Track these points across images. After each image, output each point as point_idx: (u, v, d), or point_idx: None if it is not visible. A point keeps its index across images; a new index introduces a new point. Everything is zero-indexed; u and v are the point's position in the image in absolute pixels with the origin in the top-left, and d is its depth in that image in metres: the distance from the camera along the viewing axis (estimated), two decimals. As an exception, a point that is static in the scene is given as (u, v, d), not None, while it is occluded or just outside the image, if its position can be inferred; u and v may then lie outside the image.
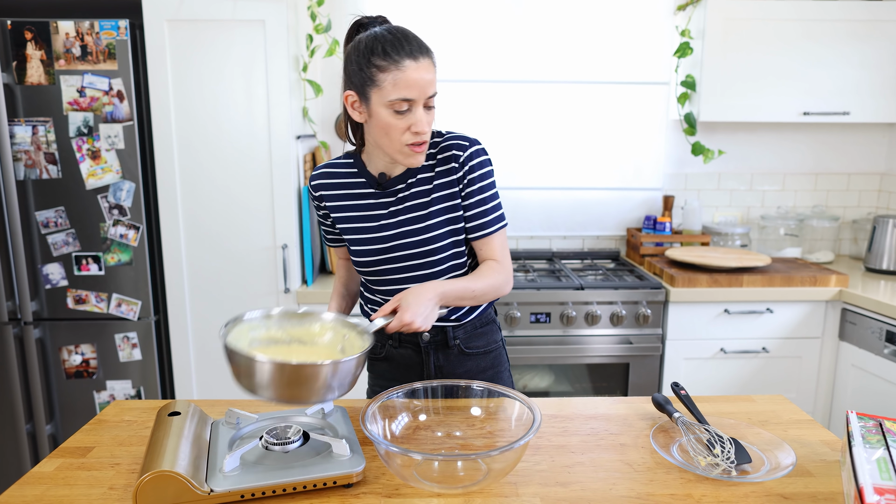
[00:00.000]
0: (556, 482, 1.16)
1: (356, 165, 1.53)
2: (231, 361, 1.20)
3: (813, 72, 2.78)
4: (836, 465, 1.21)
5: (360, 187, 1.52)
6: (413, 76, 1.31)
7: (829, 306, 2.67)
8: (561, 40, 3.02)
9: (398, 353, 1.61)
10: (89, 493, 1.13)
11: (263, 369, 1.14)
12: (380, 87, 1.32)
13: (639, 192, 3.20)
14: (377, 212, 1.50)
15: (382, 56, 1.30)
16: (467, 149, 1.48)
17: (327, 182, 1.55)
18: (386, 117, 1.34)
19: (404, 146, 1.37)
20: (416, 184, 1.49)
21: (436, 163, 1.49)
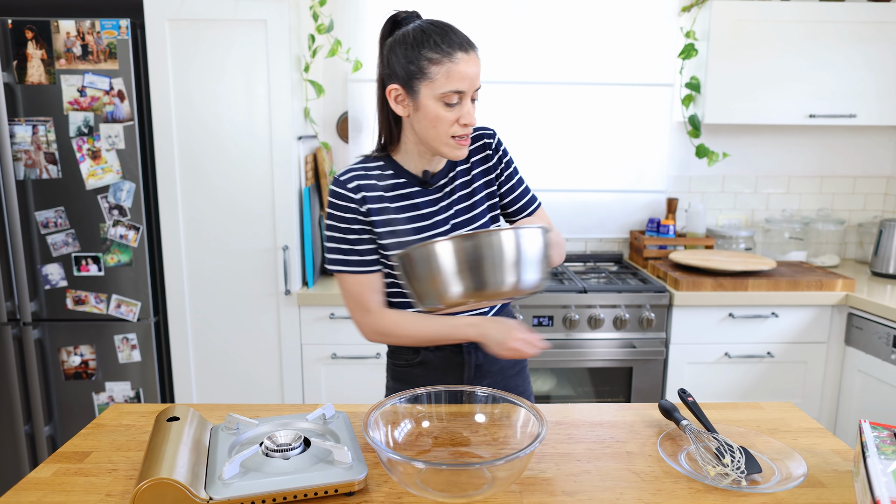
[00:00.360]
0: (562, 491, 1.14)
1: (390, 167, 1.48)
2: (411, 273, 1.19)
3: (819, 74, 2.76)
4: (849, 475, 1.18)
5: (403, 188, 1.47)
6: (465, 68, 1.31)
7: (835, 311, 2.65)
8: (564, 41, 3.00)
9: (435, 356, 1.57)
10: (86, 500, 1.11)
11: (445, 251, 1.13)
12: (431, 80, 1.32)
13: (642, 195, 3.17)
14: (427, 210, 1.48)
15: (434, 48, 1.31)
16: (494, 135, 1.54)
17: (366, 184, 1.44)
18: (435, 110, 1.34)
19: (450, 139, 1.37)
20: (457, 176, 1.51)
21: (470, 154, 1.52)
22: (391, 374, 1.66)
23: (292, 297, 2.64)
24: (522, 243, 1.19)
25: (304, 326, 2.65)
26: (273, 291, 2.65)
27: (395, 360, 1.62)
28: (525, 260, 1.19)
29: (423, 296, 1.23)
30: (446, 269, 1.17)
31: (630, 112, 3.07)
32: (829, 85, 2.78)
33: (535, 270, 1.21)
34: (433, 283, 1.17)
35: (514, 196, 1.56)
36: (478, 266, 1.16)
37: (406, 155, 1.48)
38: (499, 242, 1.16)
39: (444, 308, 1.23)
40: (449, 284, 1.16)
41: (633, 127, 3.08)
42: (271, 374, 2.73)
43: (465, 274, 1.17)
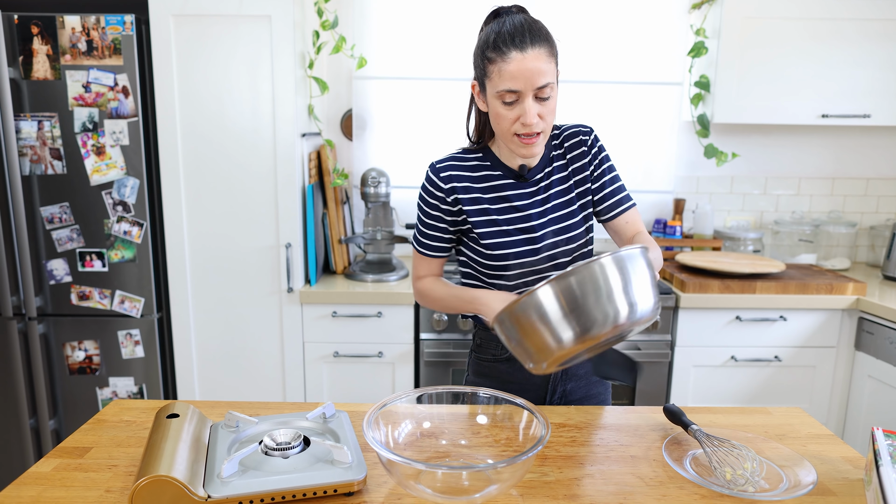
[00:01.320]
0: (564, 495, 1.12)
1: (488, 158, 1.51)
2: (521, 329, 1.10)
3: (832, 72, 2.73)
4: (860, 483, 1.16)
5: (497, 179, 1.49)
6: (517, 67, 1.30)
7: (846, 315, 2.62)
8: (572, 39, 2.97)
9: None
10: (86, 496, 1.10)
11: (547, 296, 1.04)
12: (490, 79, 1.35)
13: (649, 195, 3.15)
14: (520, 202, 1.48)
15: (493, 48, 1.32)
16: (590, 133, 1.54)
17: (457, 174, 1.50)
18: (496, 108, 1.36)
19: (514, 136, 1.38)
20: (554, 172, 1.51)
21: (565, 150, 1.52)
22: (474, 368, 1.66)
23: (295, 294, 2.63)
24: (626, 266, 1.08)
25: (306, 324, 2.64)
26: (276, 289, 2.64)
27: (480, 355, 1.63)
28: (632, 285, 1.08)
29: (531, 354, 1.12)
30: (549, 315, 1.06)
31: (638, 111, 3.04)
32: (843, 84, 2.74)
33: (647, 295, 1.09)
34: (536, 336, 1.07)
35: (604, 194, 1.53)
36: (582, 303, 1.04)
37: (501, 148, 1.50)
38: (600, 270, 1.05)
39: (555, 362, 1.12)
40: (554, 332, 1.06)
41: (641, 126, 3.06)
42: (273, 372, 2.72)
43: (570, 317, 1.05)
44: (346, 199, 3.04)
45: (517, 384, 1.58)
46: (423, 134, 3.04)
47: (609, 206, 1.54)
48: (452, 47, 2.96)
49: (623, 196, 1.55)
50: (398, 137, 3.05)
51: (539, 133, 1.37)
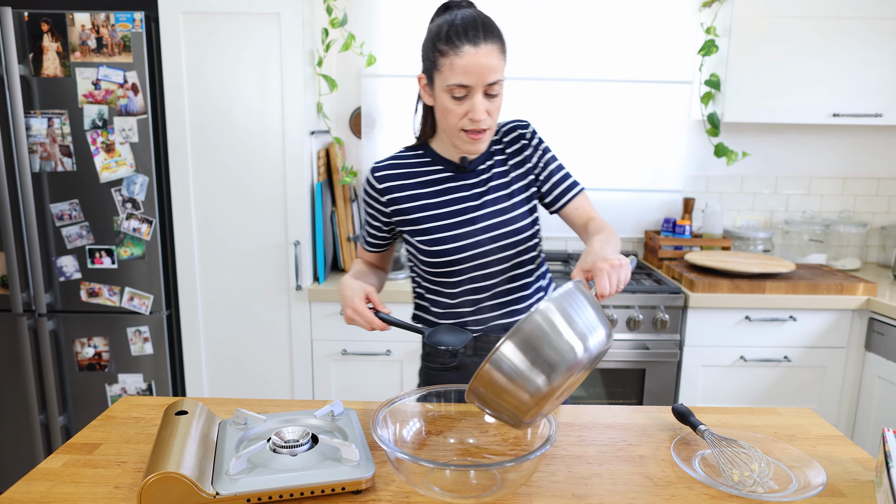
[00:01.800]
0: (572, 494, 1.11)
1: (428, 154, 1.51)
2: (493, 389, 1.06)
3: (843, 71, 2.71)
4: (870, 485, 1.15)
5: (437, 174, 1.50)
6: (470, 62, 1.29)
7: (856, 315, 2.60)
8: (581, 37, 2.96)
9: (471, 361, 1.57)
10: (94, 492, 1.10)
11: (509, 352, 1.03)
12: (440, 72, 1.33)
13: (658, 194, 3.14)
14: (461, 194, 1.48)
15: (445, 41, 1.31)
16: (528, 126, 1.54)
17: (396, 173, 1.51)
18: (445, 102, 1.35)
19: (460, 132, 1.37)
20: (495, 165, 1.50)
21: (504, 145, 1.52)
22: (424, 378, 1.65)
23: (303, 292, 2.63)
24: (565, 306, 1.07)
25: (314, 322, 2.64)
26: (284, 287, 2.64)
27: (429, 364, 1.62)
28: (579, 322, 1.07)
29: (516, 410, 1.08)
30: (514, 372, 1.04)
31: (647, 110, 3.03)
32: (855, 83, 2.72)
33: (596, 327, 1.09)
34: (508, 394, 1.05)
35: (551, 184, 1.54)
36: (539, 352, 1.03)
37: (443, 143, 1.49)
38: (544, 319, 1.04)
39: (538, 408, 1.08)
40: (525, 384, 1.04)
41: (651, 125, 3.05)
42: (281, 370, 2.72)
43: (533, 368, 1.03)
44: (354, 197, 3.04)
45: None
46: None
47: (557, 195, 1.54)
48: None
49: (570, 183, 1.55)
50: (407, 135, 3.04)
51: (485, 130, 1.37)
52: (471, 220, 1.46)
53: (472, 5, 1.40)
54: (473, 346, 1.56)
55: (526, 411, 1.05)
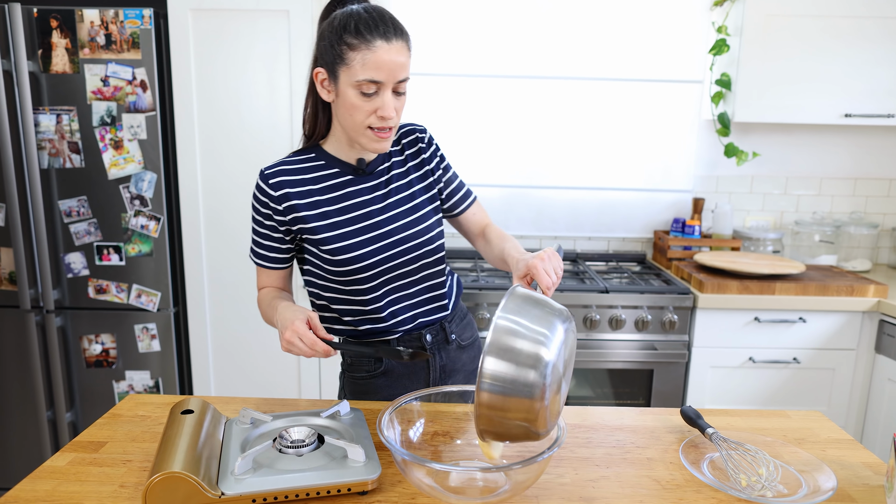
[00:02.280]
0: (579, 497, 1.11)
1: (321, 157, 1.44)
2: (496, 412, 1.05)
3: (856, 71, 2.68)
4: (881, 490, 1.14)
5: (334, 178, 1.43)
6: (383, 57, 1.26)
7: (866, 317, 2.58)
8: (591, 36, 2.95)
9: (398, 364, 1.54)
10: (100, 490, 1.10)
11: (490, 366, 1.03)
12: (349, 66, 1.27)
13: (668, 194, 3.12)
14: (363, 198, 1.42)
15: (354, 34, 1.26)
16: (426, 131, 1.53)
17: (291, 179, 1.41)
18: (352, 98, 1.30)
19: (367, 129, 1.32)
20: (393, 167, 1.47)
21: (402, 147, 1.50)
22: (350, 388, 1.58)
23: (312, 290, 2.63)
24: (519, 302, 1.09)
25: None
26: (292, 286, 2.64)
27: (354, 374, 1.56)
28: (538, 310, 1.09)
29: (526, 421, 1.07)
30: (505, 382, 1.03)
31: (657, 109, 3.01)
32: (867, 83, 2.69)
33: (556, 308, 1.10)
34: (514, 405, 1.04)
35: (450, 190, 1.55)
36: (516, 350, 1.03)
37: (338, 144, 1.43)
38: (506, 320, 1.05)
39: (543, 410, 1.06)
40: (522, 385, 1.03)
41: (661, 124, 3.03)
42: (289, 368, 2.72)
43: (519, 369, 1.03)
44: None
45: (397, 395, 1.54)
46: (443, 130, 3.02)
47: (456, 201, 1.56)
48: (474, 44, 2.94)
49: (466, 190, 1.59)
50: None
51: (392, 128, 1.34)
52: (377, 223, 1.42)
53: (366, 0, 1.36)
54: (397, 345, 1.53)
55: (535, 418, 1.04)
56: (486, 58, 2.96)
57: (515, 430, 1.05)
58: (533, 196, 3.09)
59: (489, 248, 1.53)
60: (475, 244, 1.61)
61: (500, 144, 3.04)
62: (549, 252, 1.28)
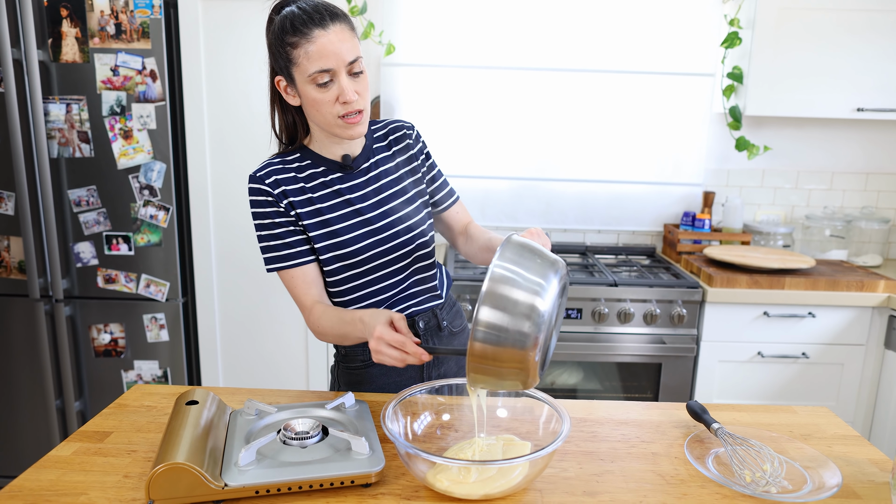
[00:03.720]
0: (583, 491, 1.10)
1: (308, 156, 1.43)
2: (490, 361, 1.06)
3: (869, 65, 2.65)
4: (886, 487, 1.13)
5: (323, 176, 1.42)
6: (324, 45, 1.25)
7: (876, 312, 2.56)
8: (602, 28, 2.92)
9: None
10: (104, 480, 1.11)
11: (485, 316, 1.03)
12: (297, 65, 1.28)
13: (678, 188, 3.10)
14: (352, 194, 1.42)
15: (292, 32, 1.26)
16: (413, 128, 1.54)
17: (283, 178, 1.40)
18: (312, 93, 1.29)
19: (337, 119, 1.32)
20: (380, 162, 1.47)
21: (389, 143, 1.50)
22: (345, 379, 1.58)
23: (319, 281, 2.63)
24: (519, 249, 1.10)
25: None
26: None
27: (349, 364, 1.56)
28: (536, 257, 1.09)
29: (516, 373, 1.08)
30: (500, 332, 1.04)
31: (668, 102, 2.99)
32: (879, 78, 2.66)
33: (550, 256, 1.12)
34: (507, 354, 1.05)
35: (436, 186, 1.56)
36: (513, 299, 1.04)
37: (320, 143, 1.43)
38: (503, 268, 1.05)
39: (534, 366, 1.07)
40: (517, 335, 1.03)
41: (671, 118, 3.01)
42: (297, 360, 2.73)
43: (518, 316, 1.03)
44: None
45: (393, 384, 1.54)
46: (452, 122, 3.01)
47: (441, 197, 1.57)
48: (483, 35, 2.93)
49: (451, 188, 1.60)
50: (426, 125, 3.02)
51: (361, 111, 1.33)
52: (369, 219, 1.42)
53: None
54: None
55: (526, 367, 1.05)
56: (496, 50, 2.94)
57: (506, 379, 1.07)
58: (542, 189, 3.08)
59: (471, 242, 1.54)
60: (456, 242, 1.62)
61: (510, 137, 3.03)
62: (537, 230, 1.28)
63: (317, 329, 1.41)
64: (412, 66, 2.96)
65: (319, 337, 1.42)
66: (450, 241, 1.64)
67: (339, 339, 1.39)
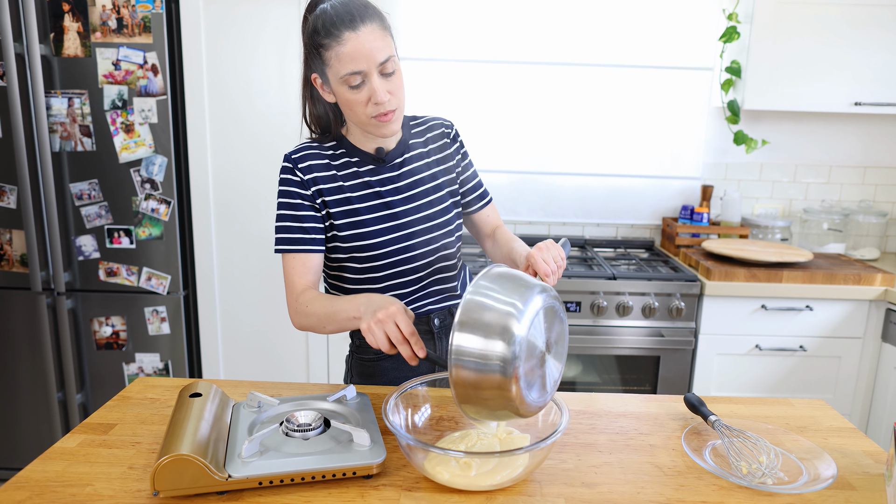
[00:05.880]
0: (581, 483, 1.12)
1: (344, 146, 1.45)
2: (470, 387, 1.06)
3: (866, 60, 2.66)
4: (881, 478, 1.15)
5: (356, 166, 1.43)
6: (355, 47, 1.25)
7: (873, 306, 2.57)
8: (601, 22, 2.93)
9: None
10: (109, 472, 1.12)
11: (458, 341, 1.04)
12: (330, 66, 1.29)
13: (676, 181, 3.11)
14: (384, 187, 1.43)
15: (324, 34, 1.26)
16: (452, 126, 1.55)
17: (317, 163, 1.41)
18: (345, 94, 1.30)
19: (370, 118, 1.33)
20: (414, 158, 1.47)
21: (426, 140, 1.51)
22: (358, 370, 1.59)
23: (320, 275, 2.64)
24: (494, 276, 1.10)
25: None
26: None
27: (362, 356, 1.57)
28: (512, 283, 1.09)
29: (501, 398, 1.06)
30: (475, 356, 1.04)
31: (667, 96, 3.00)
32: (877, 72, 2.68)
33: (529, 281, 1.11)
34: (485, 385, 1.04)
35: (469, 187, 1.57)
36: (485, 321, 1.04)
37: (355, 135, 1.44)
38: (476, 293, 1.07)
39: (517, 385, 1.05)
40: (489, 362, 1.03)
41: (670, 111, 3.02)
42: (297, 353, 2.74)
43: (488, 340, 1.03)
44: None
45: (404, 378, 1.55)
46: (451, 117, 3.02)
47: (474, 198, 1.57)
48: (483, 29, 2.93)
49: (484, 190, 1.60)
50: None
51: (394, 110, 1.33)
52: (398, 213, 1.43)
53: None
54: None
55: (510, 395, 1.03)
56: (495, 44, 2.95)
57: (497, 408, 1.06)
58: (542, 182, 3.09)
59: (497, 248, 1.56)
60: (483, 244, 1.63)
61: (510, 131, 3.04)
62: (548, 242, 1.30)
63: (302, 309, 1.36)
64: (412, 60, 2.96)
65: (299, 319, 1.38)
66: (479, 242, 1.65)
67: (325, 318, 1.33)
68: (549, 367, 1.11)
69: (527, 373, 1.04)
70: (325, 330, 1.35)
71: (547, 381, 1.11)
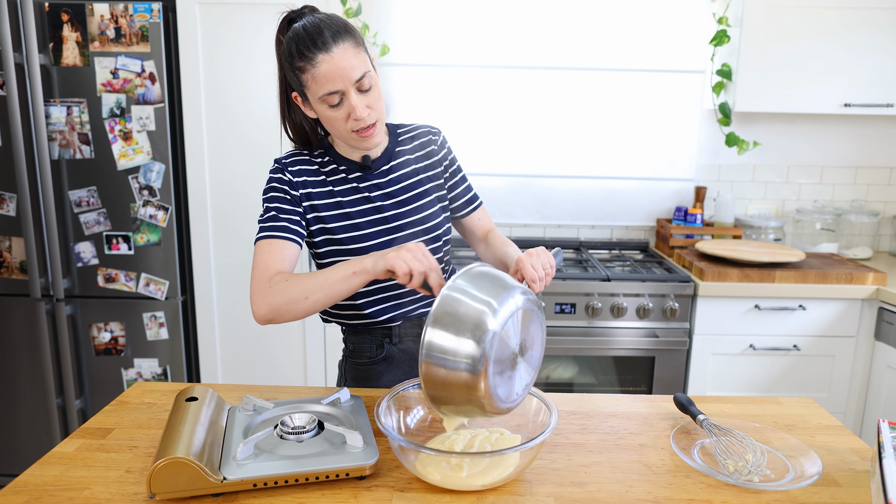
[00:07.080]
0: (571, 482, 1.14)
1: (331, 154, 1.48)
2: (438, 383, 1.08)
3: (855, 61, 2.69)
4: (866, 475, 1.17)
5: (344, 174, 1.47)
6: (329, 68, 1.27)
7: (866, 305, 2.59)
8: (593, 26, 2.95)
9: (398, 350, 1.57)
10: (106, 476, 1.14)
11: (430, 336, 1.06)
12: (307, 87, 1.32)
13: (670, 183, 3.13)
14: (373, 193, 1.46)
15: (299, 57, 1.29)
16: (440, 133, 1.58)
17: (307, 168, 1.45)
18: (325, 112, 1.33)
19: (352, 133, 1.35)
20: (400, 165, 1.50)
21: (413, 147, 1.53)
22: (352, 374, 1.61)
23: (317, 279, 2.66)
24: (472, 275, 1.12)
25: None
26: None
27: (356, 360, 1.59)
28: (488, 282, 1.12)
29: (468, 393, 1.07)
30: (445, 352, 1.06)
31: (659, 99, 3.02)
32: (866, 73, 2.70)
33: (508, 281, 1.14)
34: (452, 381, 1.06)
35: (458, 192, 1.59)
36: (459, 318, 1.06)
37: (340, 145, 1.48)
38: (453, 290, 1.09)
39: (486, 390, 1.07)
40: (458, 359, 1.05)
41: (663, 114, 3.04)
42: (295, 357, 2.76)
43: (459, 338, 1.05)
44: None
45: (398, 381, 1.57)
46: (447, 121, 3.04)
47: (463, 203, 1.60)
48: (476, 34, 2.96)
49: (473, 194, 1.62)
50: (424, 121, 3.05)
51: (374, 124, 1.35)
52: (384, 219, 1.45)
53: (314, 9, 1.37)
54: (399, 332, 1.56)
55: (479, 394, 1.05)
56: (489, 49, 2.97)
57: (463, 403, 1.08)
58: (537, 185, 3.11)
59: (490, 251, 1.58)
60: (476, 248, 1.65)
61: (504, 134, 3.06)
62: (540, 249, 1.32)
63: (276, 287, 1.29)
64: (407, 65, 2.99)
65: (269, 298, 1.29)
66: (472, 246, 1.67)
67: (309, 288, 1.27)
68: (520, 371, 1.13)
69: (496, 371, 1.06)
70: (304, 303, 1.27)
71: (516, 383, 1.13)
